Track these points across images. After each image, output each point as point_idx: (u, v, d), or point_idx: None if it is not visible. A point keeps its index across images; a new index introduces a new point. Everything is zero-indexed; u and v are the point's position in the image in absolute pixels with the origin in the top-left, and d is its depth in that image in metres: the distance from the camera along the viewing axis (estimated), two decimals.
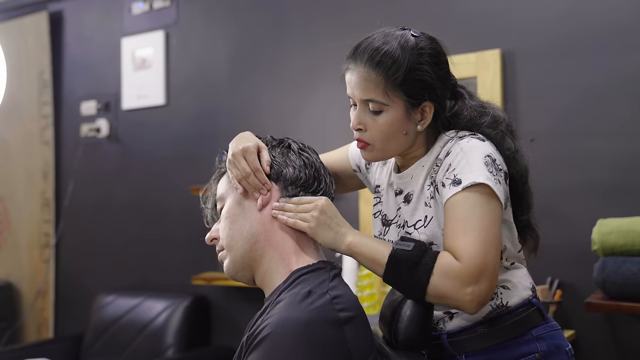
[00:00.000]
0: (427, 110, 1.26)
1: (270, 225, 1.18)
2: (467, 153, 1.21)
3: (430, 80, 1.23)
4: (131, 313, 3.04)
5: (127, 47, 3.36)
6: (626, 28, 2.18)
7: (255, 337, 1.03)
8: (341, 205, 2.73)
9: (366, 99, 1.24)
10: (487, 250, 1.14)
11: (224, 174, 1.28)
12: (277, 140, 1.26)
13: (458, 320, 1.29)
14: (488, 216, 1.16)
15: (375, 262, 1.19)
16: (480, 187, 1.16)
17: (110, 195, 3.43)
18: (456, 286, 1.12)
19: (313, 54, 2.84)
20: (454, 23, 2.51)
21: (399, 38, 1.25)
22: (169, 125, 3.24)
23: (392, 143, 1.26)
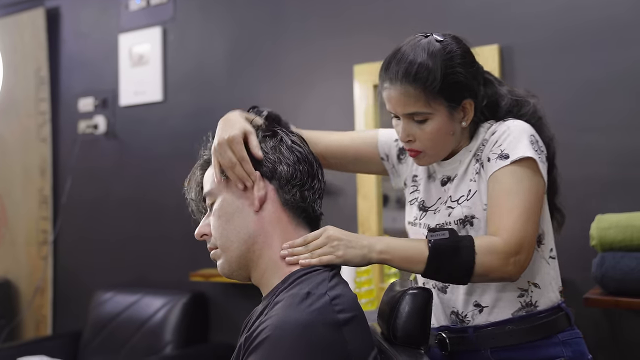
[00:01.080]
0: (468, 107, 1.31)
1: (268, 226, 1.15)
2: (514, 130, 1.27)
3: (465, 80, 1.28)
4: (129, 310, 3.04)
5: (125, 43, 3.35)
6: (624, 23, 2.17)
7: (253, 339, 1.02)
8: (339, 201, 2.73)
9: (409, 113, 1.29)
10: (527, 225, 1.19)
11: (210, 162, 1.23)
12: (269, 132, 1.22)
13: (486, 315, 1.30)
14: (531, 191, 1.22)
15: (412, 260, 1.19)
16: (527, 162, 1.23)
17: (107, 192, 3.42)
18: (500, 260, 1.17)
19: (311, 49, 2.83)
20: (452, 19, 2.50)
21: (427, 47, 1.28)
22: (167, 121, 3.23)
23: (442, 146, 1.32)
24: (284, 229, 1.16)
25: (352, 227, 2.67)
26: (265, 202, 1.15)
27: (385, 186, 2.68)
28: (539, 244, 1.32)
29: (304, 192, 1.18)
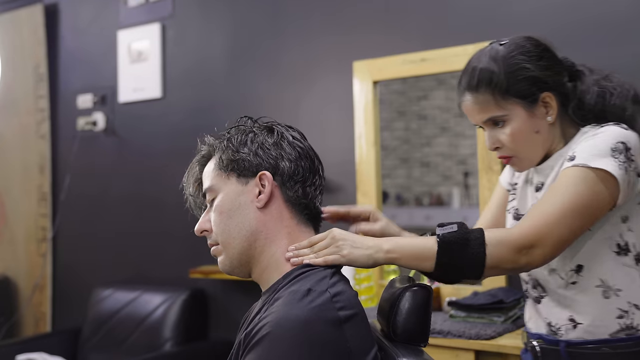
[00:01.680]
0: (549, 101, 1.28)
1: (271, 223, 1.15)
2: (598, 136, 1.22)
3: (535, 74, 1.26)
4: (129, 307, 3.04)
5: (123, 39, 3.34)
6: (622, 19, 2.17)
7: (253, 336, 1.02)
8: (339, 197, 2.73)
9: (486, 120, 1.29)
10: (556, 224, 1.15)
11: (209, 157, 1.21)
12: (267, 128, 1.20)
13: (581, 332, 1.26)
14: (581, 196, 1.16)
15: (420, 257, 1.16)
16: (590, 170, 1.18)
17: (107, 188, 3.42)
18: (511, 251, 1.14)
19: (310, 46, 2.82)
20: (452, 15, 2.50)
21: (489, 52, 1.29)
22: (166, 118, 3.23)
23: (530, 145, 1.29)
24: (286, 225, 1.16)
25: None
26: (271, 198, 1.15)
27: (385, 183, 2.68)
28: (637, 261, 1.25)
29: (306, 188, 1.18)
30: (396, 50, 2.58)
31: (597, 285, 1.24)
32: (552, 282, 1.29)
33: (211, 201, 1.19)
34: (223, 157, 1.17)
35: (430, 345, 1.97)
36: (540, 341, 1.32)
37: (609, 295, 1.24)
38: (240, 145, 1.17)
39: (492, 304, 2.10)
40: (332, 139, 2.76)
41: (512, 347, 1.89)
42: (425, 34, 2.55)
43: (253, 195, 1.15)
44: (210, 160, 1.21)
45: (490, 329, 1.99)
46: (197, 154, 1.24)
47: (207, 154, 1.22)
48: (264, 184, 1.15)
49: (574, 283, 1.26)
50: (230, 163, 1.16)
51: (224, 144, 1.18)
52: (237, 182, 1.16)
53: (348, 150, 2.69)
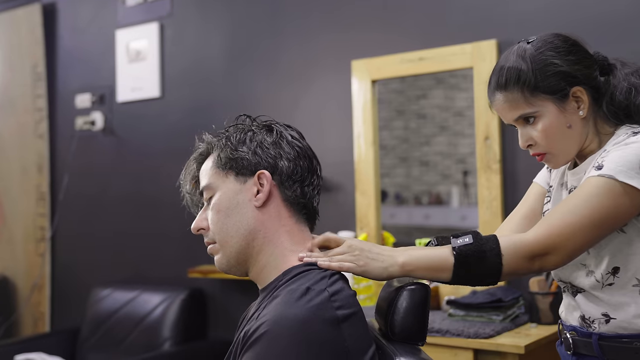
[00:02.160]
0: (580, 95, 1.27)
1: (269, 222, 1.14)
2: (629, 145, 1.21)
3: (564, 68, 1.26)
4: (127, 306, 3.03)
5: (122, 39, 3.34)
6: (623, 18, 2.17)
7: (251, 334, 1.02)
8: (338, 197, 2.73)
9: (517, 117, 1.29)
10: (573, 233, 1.15)
11: (207, 155, 1.21)
12: (265, 127, 1.19)
13: (614, 326, 1.26)
14: (603, 210, 1.16)
15: (437, 269, 1.16)
16: (617, 183, 1.17)
17: (105, 188, 3.42)
18: (525, 261, 1.15)
19: (309, 45, 2.82)
20: (450, 13, 2.49)
21: (516, 51, 1.30)
22: (164, 117, 3.22)
23: (563, 141, 1.28)
24: (284, 224, 1.16)
25: (350, 223, 2.66)
26: (269, 197, 1.14)
27: (385, 182, 2.68)
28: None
29: (304, 187, 1.17)
30: (394, 49, 2.58)
31: (634, 285, 1.24)
32: (588, 284, 1.29)
33: (208, 199, 1.18)
34: (221, 155, 1.17)
35: (428, 344, 1.98)
36: (573, 333, 1.33)
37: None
38: (239, 144, 1.16)
39: (491, 302, 2.09)
40: (331, 138, 2.76)
41: (510, 346, 1.89)
42: (424, 33, 2.55)
43: (251, 194, 1.15)
44: (207, 158, 1.21)
45: (489, 328, 1.99)
46: (194, 152, 1.24)
47: (205, 152, 1.22)
48: (262, 183, 1.14)
49: (610, 284, 1.26)
50: (228, 161, 1.16)
51: (222, 142, 1.18)
52: (235, 180, 1.15)
53: (347, 150, 2.69)
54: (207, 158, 1.21)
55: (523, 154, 2.32)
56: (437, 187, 5.11)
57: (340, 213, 2.68)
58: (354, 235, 2.59)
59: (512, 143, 2.35)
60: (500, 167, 2.35)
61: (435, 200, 5.06)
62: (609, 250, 1.25)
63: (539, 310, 2.12)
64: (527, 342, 1.91)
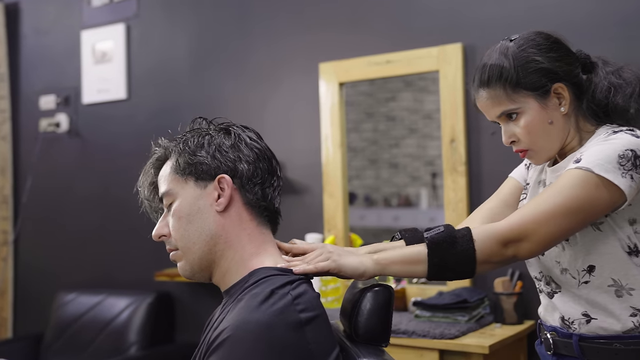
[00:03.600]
0: (562, 91, 1.29)
1: (230, 226, 1.13)
2: (608, 141, 1.22)
3: (546, 65, 1.27)
4: (93, 311, 2.99)
5: (87, 40, 3.30)
6: (581, 24, 2.21)
7: (214, 339, 1.01)
8: (306, 199, 2.73)
9: (499, 114, 1.30)
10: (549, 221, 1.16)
11: (164, 160, 1.19)
12: (223, 130, 1.18)
13: (595, 326, 1.27)
14: (576, 200, 1.17)
15: (412, 262, 1.16)
16: (592, 175, 1.17)
17: (70, 191, 3.36)
18: (497, 245, 1.15)
19: (277, 48, 2.82)
20: (417, 17, 2.52)
21: (499, 49, 1.31)
22: (131, 119, 3.19)
23: (545, 137, 1.29)
24: (245, 228, 1.15)
25: (318, 225, 2.67)
26: (230, 202, 1.13)
27: (354, 184, 2.69)
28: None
29: (265, 189, 1.16)
30: (362, 52, 2.60)
31: (609, 285, 1.25)
32: (565, 281, 1.30)
33: (169, 206, 1.17)
34: (180, 161, 1.15)
35: (395, 345, 2.00)
36: (553, 334, 1.34)
37: (622, 294, 1.25)
38: (197, 148, 1.15)
39: (457, 303, 2.12)
40: (299, 140, 2.76)
41: (475, 346, 1.91)
42: (391, 36, 2.56)
43: (212, 199, 1.13)
44: (165, 164, 1.19)
45: (454, 329, 2.01)
46: (151, 157, 1.22)
47: (162, 157, 1.20)
48: (223, 187, 1.13)
49: (587, 282, 1.27)
50: (187, 167, 1.14)
51: (180, 146, 1.16)
52: (195, 186, 1.14)
53: (314, 152, 2.69)
54: (164, 163, 1.19)
55: (488, 157, 2.36)
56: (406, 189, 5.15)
57: (308, 215, 2.68)
58: (322, 237, 2.60)
59: (478, 145, 2.38)
60: (465, 169, 2.38)
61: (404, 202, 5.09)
62: (583, 247, 1.26)
63: (504, 310, 2.15)
64: (492, 342, 1.93)
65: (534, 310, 2.21)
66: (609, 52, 2.11)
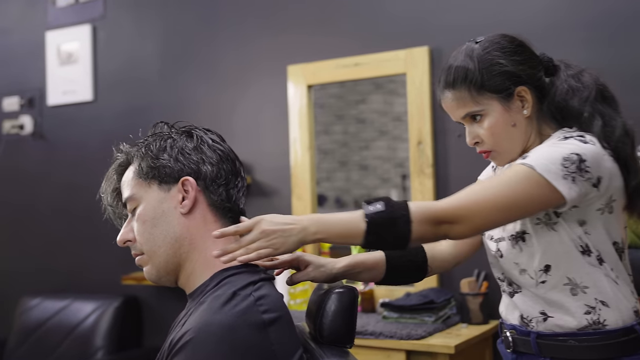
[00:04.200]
0: (524, 95, 1.31)
1: (194, 229, 1.13)
2: (556, 145, 1.24)
3: (509, 68, 1.29)
4: (58, 316, 2.94)
5: (52, 40, 3.25)
6: (545, 27, 2.25)
7: (177, 342, 1.01)
8: (274, 201, 2.72)
9: (464, 115, 1.32)
10: (478, 210, 1.18)
11: (127, 165, 1.19)
12: (185, 132, 1.18)
13: (551, 324, 1.29)
14: (514, 195, 1.19)
15: (348, 236, 1.16)
16: (535, 173, 1.19)
17: (35, 194, 3.30)
18: (432, 226, 1.17)
19: (245, 50, 2.81)
20: (385, 20, 2.53)
21: (464, 50, 1.33)
22: (98, 122, 3.14)
23: (508, 139, 1.31)
24: (209, 229, 1.14)
25: None
26: (195, 204, 1.13)
27: (325, 186, 2.70)
28: (601, 262, 1.28)
29: (229, 190, 1.17)
30: (330, 55, 2.61)
31: (565, 284, 1.28)
32: (524, 282, 1.32)
33: (132, 210, 1.17)
34: (143, 165, 1.15)
35: (362, 346, 2.01)
36: (513, 332, 1.36)
37: (576, 293, 1.27)
38: (159, 152, 1.15)
39: (424, 304, 2.14)
40: (268, 143, 2.75)
41: (441, 346, 1.93)
42: (359, 39, 2.58)
43: (176, 202, 1.14)
44: (128, 169, 1.19)
45: (421, 329, 2.02)
46: (113, 163, 1.22)
47: (125, 162, 1.20)
48: (187, 189, 1.14)
49: (544, 282, 1.29)
50: (150, 170, 1.14)
51: (142, 151, 1.16)
52: (158, 189, 1.14)
53: (283, 154, 2.69)
54: (127, 169, 1.19)
55: (455, 159, 2.38)
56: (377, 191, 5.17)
57: None
58: None
59: (445, 148, 2.41)
60: (432, 171, 2.41)
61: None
62: (540, 247, 1.29)
63: (470, 310, 2.17)
64: (457, 342, 1.95)
65: None
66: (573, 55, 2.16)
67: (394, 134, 5.06)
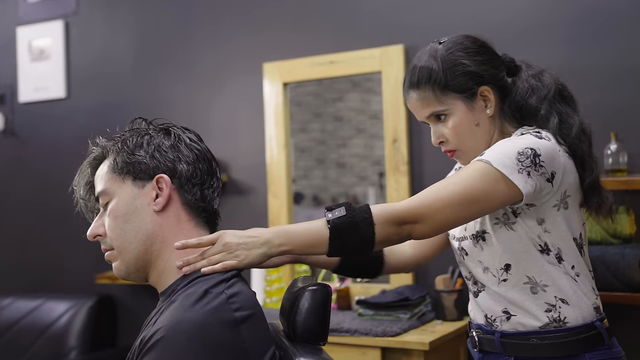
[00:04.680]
0: (487, 94, 1.32)
1: (167, 227, 1.12)
2: (511, 140, 1.27)
3: (472, 69, 1.31)
4: (31, 315, 2.90)
5: (23, 36, 3.20)
6: (524, 26, 2.27)
7: (147, 340, 1.00)
8: (250, 199, 2.71)
9: (428, 115, 1.34)
10: (440, 208, 1.20)
11: (102, 159, 1.18)
12: (163, 130, 1.18)
13: (514, 323, 1.31)
14: (472, 191, 1.21)
15: (313, 245, 1.17)
16: (493, 170, 1.21)
17: (6, 192, 3.25)
18: (394, 227, 1.19)
19: (220, 47, 2.79)
20: (361, 18, 2.54)
21: (428, 51, 1.34)
22: (71, 119, 3.10)
23: (471, 139, 1.33)
24: (183, 228, 1.14)
25: (263, 225, 2.65)
26: (169, 201, 1.13)
27: (302, 184, 2.70)
28: (560, 260, 1.30)
29: (204, 190, 1.16)
30: (306, 53, 2.60)
31: (525, 282, 1.30)
32: (487, 280, 1.34)
33: (105, 205, 1.15)
34: (118, 160, 1.14)
35: (338, 344, 2.01)
36: (479, 331, 1.38)
37: (536, 291, 1.29)
38: (136, 148, 1.14)
39: (399, 301, 2.15)
40: (243, 140, 2.74)
41: (416, 343, 1.95)
42: (335, 37, 2.58)
43: (150, 199, 1.13)
44: (102, 163, 1.18)
45: (396, 326, 2.03)
46: (88, 156, 1.21)
47: (100, 156, 1.19)
48: (161, 187, 1.13)
49: (505, 280, 1.31)
50: (125, 166, 1.13)
51: (118, 146, 1.15)
52: (132, 185, 1.13)
53: (259, 152, 2.68)
54: (101, 162, 1.18)
55: (430, 157, 2.40)
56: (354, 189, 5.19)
57: (252, 215, 2.67)
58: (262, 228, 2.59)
59: (420, 146, 2.42)
60: (408, 168, 2.42)
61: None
62: (500, 247, 1.31)
63: (444, 307, 2.19)
64: (432, 338, 1.97)
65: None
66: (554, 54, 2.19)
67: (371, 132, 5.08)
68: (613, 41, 2.14)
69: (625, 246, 1.96)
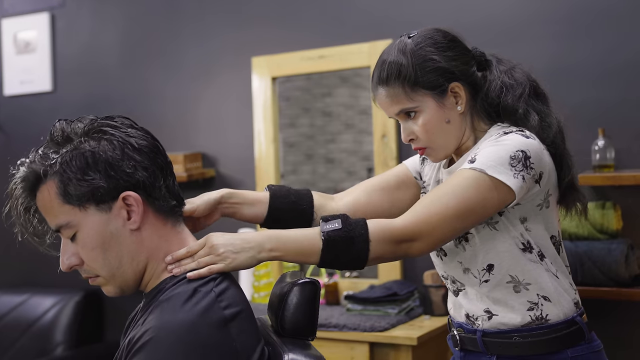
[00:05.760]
0: (458, 91, 1.29)
1: (148, 240, 1.07)
2: (499, 143, 1.24)
3: (443, 64, 1.28)
4: (16, 311, 2.88)
5: (8, 28, 3.16)
6: (513, 22, 2.27)
7: (137, 341, 0.99)
8: None
9: (398, 112, 1.30)
10: (436, 224, 1.18)
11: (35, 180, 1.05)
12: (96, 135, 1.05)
13: (496, 322, 1.30)
14: (469, 202, 1.19)
15: (305, 254, 1.15)
16: (485, 176, 1.19)
17: None
18: (391, 246, 1.17)
19: (209, 41, 2.78)
20: (349, 13, 2.53)
21: (397, 45, 1.30)
22: (57, 112, 3.06)
23: (442, 136, 1.30)
24: (162, 235, 1.10)
25: None
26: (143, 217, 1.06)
27: (291, 179, 2.69)
28: (542, 258, 1.29)
29: (168, 184, 1.10)
30: (295, 47, 2.59)
31: (508, 282, 1.29)
32: (468, 280, 1.33)
33: (71, 237, 1.07)
34: (70, 190, 1.02)
35: (326, 339, 2.01)
36: (460, 330, 1.37)
37: (519, 290, 1.29)
38: (82, 171, 1.02)
39: (387, 296, 2.15)
40: (232, 135, 2.73)
41: (404, 338, 1.95)
42: (324, 32, 2.57)
43: (122, 219, 1.05)
44: (41, 187, 1.05)
45: (384, 321, 2.04)
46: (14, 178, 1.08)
47: (31, 177, 1.05)
48: (130, 203, 1.05)
49: (487, 281, 1.30)
50: (83, 195, 1.02)
51: (59, 171, 1.03)
52: (97, 211, 1.04)
53: (247, 147, 2.67)
54: (37, 184, 1.06)
55: None
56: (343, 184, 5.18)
57: None
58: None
59: None
60: (396, 164, 2.41)
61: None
62: (482, 247, 1.29)
63: (432, 302, 2.19)
64: (420, 333, 1.97)
65: None
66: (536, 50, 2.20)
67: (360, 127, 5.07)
68: (601, 37, 2.15)
69: (611, 241, 1.98)
